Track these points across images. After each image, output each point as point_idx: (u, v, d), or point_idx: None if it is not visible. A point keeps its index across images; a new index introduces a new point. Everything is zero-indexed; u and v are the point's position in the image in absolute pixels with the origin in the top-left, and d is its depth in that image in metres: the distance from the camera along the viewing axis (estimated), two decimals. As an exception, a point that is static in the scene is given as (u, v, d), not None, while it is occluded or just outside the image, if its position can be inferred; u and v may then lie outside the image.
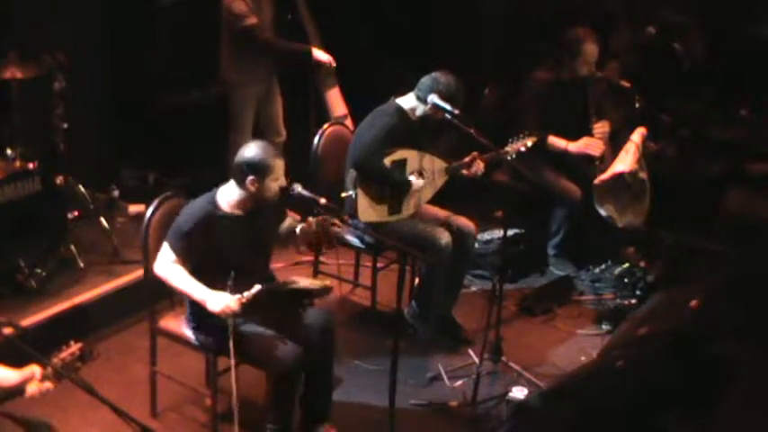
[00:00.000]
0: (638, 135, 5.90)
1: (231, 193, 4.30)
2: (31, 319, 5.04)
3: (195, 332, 4.42)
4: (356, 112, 6.31)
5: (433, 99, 5.06)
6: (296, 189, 4.34)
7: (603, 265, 6.20)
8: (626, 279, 6.02)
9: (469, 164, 5.24)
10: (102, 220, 5.86)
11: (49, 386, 3.57)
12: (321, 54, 6.22)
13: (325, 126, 5.72)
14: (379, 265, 5.61)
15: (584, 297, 6.01)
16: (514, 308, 5.80)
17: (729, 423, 2.83)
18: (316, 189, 4.51)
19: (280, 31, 6.26)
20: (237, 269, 4.16)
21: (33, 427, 3.78)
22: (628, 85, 6.06)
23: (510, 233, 5.51)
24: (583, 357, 5.32)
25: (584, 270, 6.22)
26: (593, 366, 4.15)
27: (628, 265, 6.10)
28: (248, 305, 4.14)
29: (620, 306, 5.80)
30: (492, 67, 7.28)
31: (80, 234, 5.77)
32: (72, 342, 3.64)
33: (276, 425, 4.30)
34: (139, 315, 5.17)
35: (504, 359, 5.19)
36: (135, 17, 6.63)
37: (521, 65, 6.50)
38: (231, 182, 4.30)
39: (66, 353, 3.59)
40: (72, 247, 5.54)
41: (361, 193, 5.13)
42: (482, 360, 5.03)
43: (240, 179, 4.24)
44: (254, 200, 4.29)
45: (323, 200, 4.37)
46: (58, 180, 5.54)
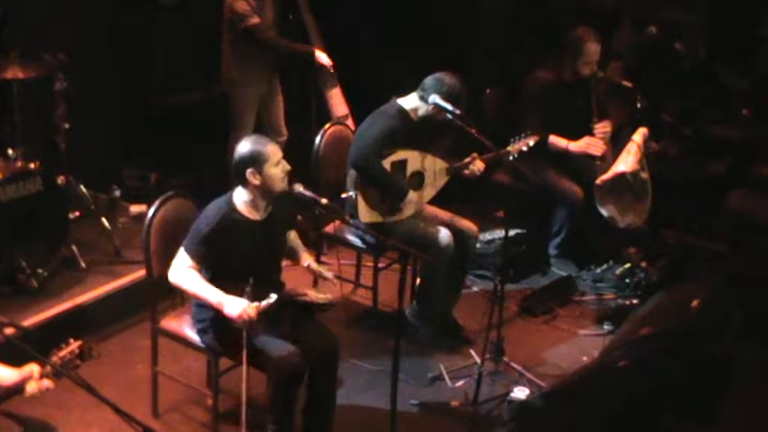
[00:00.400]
0: (639, 135, 5.89)
1: (242, 198, 4.30)
2: (32, 319, 5.03)
3: (200, 334, 4.42)
4: (357, 112, 6.30)
5: (435, 99, 5.05)
6: (297, 189, 4.33)
7: (605, 266, 6.20)
8: (627, 279, 6.02)
9: (470, 164, 5.24)
10: (104, 220, 5.86)
11: (48, 385, 3.57)
12: (323, 56, 6.23)
13: (327, 126, 5.71)
14: (380, 265, 5.60)
15: (585, 297, 6.00)
16: (516, 308, 5.79)
17: (730, 423, 2.83)
18: (317, 189, 4.50)
19: (282, 30, 6.25)
20: (254, 275, 4.16)
21: (35, 428, 3.78)
22: (629, 84, 6.06)
23: (511, 233, 5.50)
24: (584, 357, 5.32)
25: (585, 270, 6.22)
26: (594, 366, 4.15)
27: (629, 265, 6.10)
28: (264, 313, 4.16)
29: (621, 306, 5.80)
30: (493, 67, 7.28)
31: (81, 234, 5.76)
32: (71, 340, 3.64)
33: (277, 426, 4.29)
34: (141, 315, 5.17)
35: (506, 359, 5.19)
36: (136, 17, 6.63)
37: (522, 65, 6.50)
38: (239, 188, 4.30)
39: (66, 351, 3.59)
40: (73, 247, 5.54)
41: (361, 194, 5.12)
42: (483, 360, 5.02)
43: (241, 177, 4.23)
44: (264, 196, 4.28)
45: (324, 200, 4.37)
46: (60, 180, 5.55)
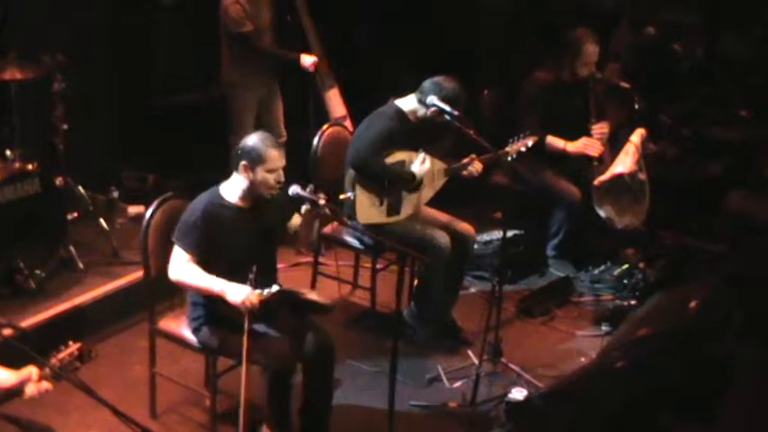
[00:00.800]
0: (637, 136, 5.90)
1: (233, 185, 4.33)
2: (30, 320, 5.03)
3: (196, 333, 4.41)
4: (355, 113, 6.30)
5: (434, 101, 5.05)
6: (295, 191, 4.33)
7: (603, 267, 6.21)
8: (625, 280, 6.02)
9: (468, 165, 5.24)
10: (102, 221, 5.86)
11: (47, 386, 3.56)
12: (307, 59, 6.15)
13: (325, 127, 5.71)
14: (378, 266, 5.60)
15: (583, 298, 6.00)
16: (514, 309, 5.79)
17: (730, 423, 2.83)
18: (315, 190, 4.50)
19: (279, 32, 6.25)
20: (246, 267, 4.15)
21: (34, 431, 3.78)
22: (627, 85, 6.06)
23: (509, 234, 5.50)
24: (582, 358, 5.31)
25: (583, 271, 6.22)
26: (592, 367, 4.16)
27: (627, 266, 6.10)
28: (265, 302, 4.14)
29: (619, 307, 5.80)
30: (491, 67, 7.28)
31: (79, 235, 5.76)
32: (70, 342, 3.63)
33: (275, 424, 4.28)
34: (139, 316, 5.16)
35: (504, 360, 5.18)
36: (136, 17, 6.63)
37: (520, 66, 6.50)
38: (234, 173, 4.33)
39: (65, 353, 3.59)
40: (71, 248, 5.53)
41: (359, 195, 5.12)
42: (481, 361, 5.02)
43: (236, 164, 4.28)
44: (252, 192, 4.29)
45: (322, 200, 4.37)
46: (58, 181, 5.55)
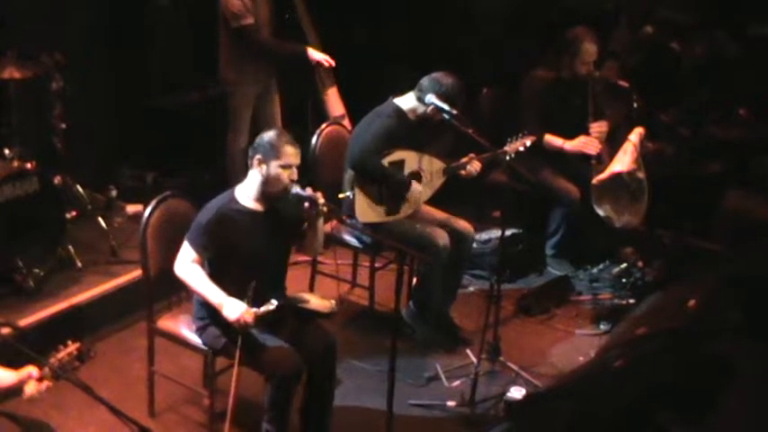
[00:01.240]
0: (635, 135, 5.90)
1: (248, 185, 4.35)
2: (28, 320, 5.03)
3: (201, 332, 4.41)
4: (354, 112, 6.30)
5: (432, 100, 5.05)
6: (294, 190, 4.33)
7: (601, 265, 6.22)
8: (624, 279, 6.03)
9: (467, 164, 5.24)
10: (100, 220, 5.86)
11: (47, 386, 3.57)
12: (317, 54, 6.18)
13: (323, 126, 5.71)
14: (377, 265, 5.61)
15: (581, 297, 6.01)
16: (512, 308, 5.80)
17: (730, 422, 2.82)
18: (314, 189, 4.49)
19: (277, 29, 6.24)
20: (258, 269, 4.17)
21: (33, 428, 3.78)
22: (626, 84, 6.06)
23: (508, 233, 5.50)
24: (581, 357, 5.32)
25: (582, 270, 6.23)
26: (591, 366, 4.15)
27: (625, 265, 6.11)
28: (261, 318, 4.16)
29: (617, 306, 5.81)
30: (489, 66, 7.27)
31: (78, 234, 5.75)
32: (69, 342, 3.64)
33: (272, 425, 4.29)
34: (137, 315, 5.16)
35: (502, 359, 5.19)
36: (134, 17, 6.62)
37: (519, 65, 6.50)
38: (249, 173, 4.34)
39: (64, 353, 3.59)
40: (70, 247, 5.53)
41: (358, 194, 5.12)
42: (480, 360, 5.03)
43: (250, 159, 4.31)
44: (265, 190, 4.30)
45: (321, 200, 4.37)
46: (56, 180, 5.55)
